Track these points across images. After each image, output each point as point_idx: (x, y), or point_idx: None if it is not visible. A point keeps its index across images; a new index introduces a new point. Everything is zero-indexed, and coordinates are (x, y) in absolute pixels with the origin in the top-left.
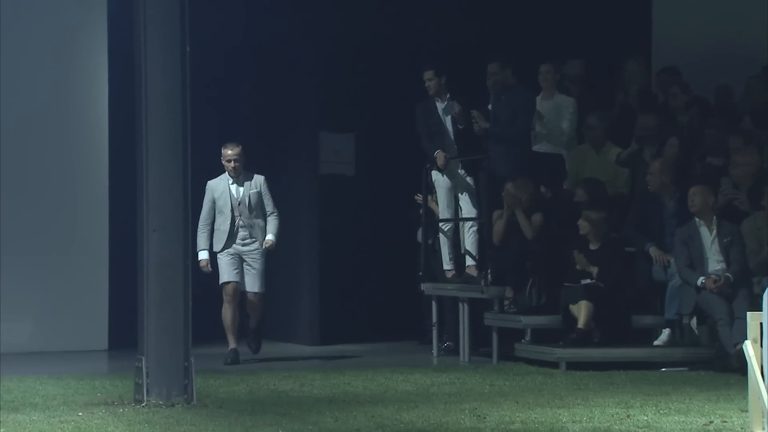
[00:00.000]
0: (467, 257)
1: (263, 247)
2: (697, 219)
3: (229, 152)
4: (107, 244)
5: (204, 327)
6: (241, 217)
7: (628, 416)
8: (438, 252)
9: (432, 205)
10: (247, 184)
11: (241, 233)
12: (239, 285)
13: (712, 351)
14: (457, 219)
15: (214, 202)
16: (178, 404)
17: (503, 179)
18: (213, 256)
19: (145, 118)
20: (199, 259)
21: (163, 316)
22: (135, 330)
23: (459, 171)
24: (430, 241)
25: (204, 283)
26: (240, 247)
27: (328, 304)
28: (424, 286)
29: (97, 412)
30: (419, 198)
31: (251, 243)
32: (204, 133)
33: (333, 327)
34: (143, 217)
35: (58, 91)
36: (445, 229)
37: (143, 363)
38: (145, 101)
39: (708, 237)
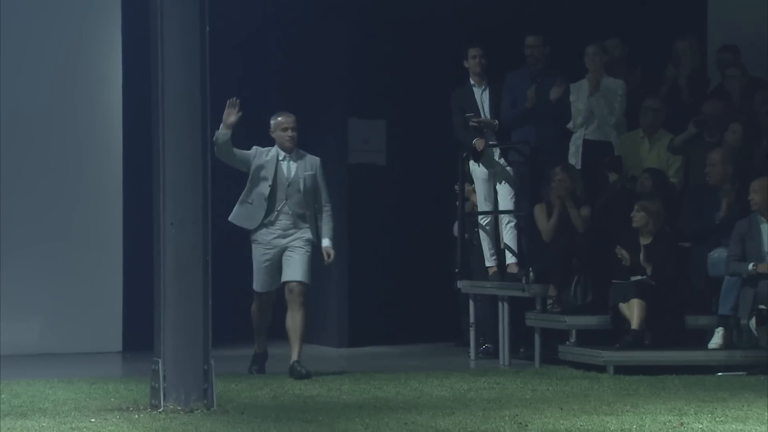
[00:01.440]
0: (507, 254)
1: (325, 259)
2: (759, 214)
3: (289, 118)
4: (121, 239)
5: (225, 327)
6: (288, 203)
7: (682, 424)
8: (476, 247)
9: (471, 196)
10: (300, 163)
11: (284, 221)
12: (275, 294)
13: None
14: (496, 212)
15: (255, 168)
16: (197, 410)
17: (545, 167)
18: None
19: (162, 104)
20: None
21: (181, 316)
22: (151, 330)
23: (498, 160)
24: (467, 236)
25: (226, 279)
26: (280, 240)
27: (357, 302)
28: (460, 284)
29: (110, 418)
30: (470, 190)
31: (296, 233)
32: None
33: (363, 328)
34: (160, 210)
35: (69, 79)
36: (484, 223)
37: (160, 366)
38: (161, 86)
39: (765, 233)
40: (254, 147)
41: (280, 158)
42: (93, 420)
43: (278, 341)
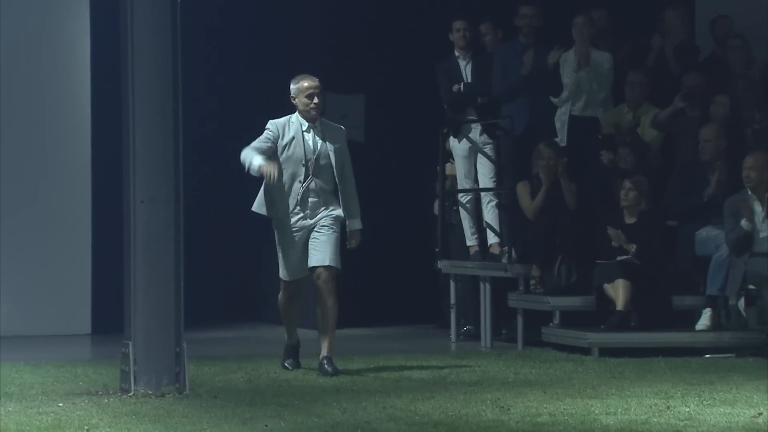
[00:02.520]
0: (489, 233)
1: (348, 243)
2: (749, 192)
3: (314, 83)
4: (90, 218)
5: (198, 308)
6: (314, 179)
7: (668, 408)
8: (457, 226)
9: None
10: (327, 133)
11: (312, 200)
12: (304, 279)
13: (762, 335)
14: (477, 189)
15: (281, 150)
16: (168, 394)
17: (526, 142)
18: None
19: (132, 78)
20: (258, 165)
21: (152, 297)
22: (121, 312)
23: (479, 136)
24: (447, 215)
25: (200, 258)
26: (307, 221)
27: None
28: (441, 264)
29: (79, 402)
30: (450, 168)
31: (324, 212)
32: (197, 95)
33: (341, 309)
34: (130, 187)
35: (36, 53)
36: (465, 201)
37: (130, 348)
38: (131, 61)
39: (760, 212)
40: (270, 122)
41: (304, 129)
42: (61, 404)
43: (254, 323)
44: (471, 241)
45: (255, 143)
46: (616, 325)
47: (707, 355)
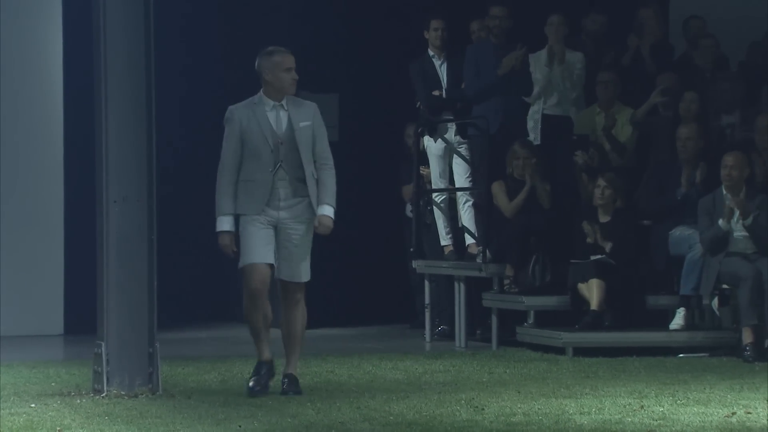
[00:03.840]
0: (466, 235)
1: (317, 228)
2: (724, 190)
3: (290, 57)
4: (62, 218)
5: (171, 309)
6: (284, 164)
7: (642, 407)
8: (431, 226)
9: (424, 173)
10: (292, 111)
11: (282, 190)
12: (271, 270)
13: (736, 335)
14: (451, 189)
15: (241, 139)
16: (141, 394)
17: (500, 141)
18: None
19: (105, 77)
20: (219, 230)
21: (125, 297)
22: (94, 313)
23: (454, 137)
24: (421, 215)
25: (172, 256)
26: (277, 212)
27: (308, 283)
28: (416, 264)
29: (51, 403)
30: (425, 171)
31: (297, 205)
32: (170, 93)
33: (315, 309)
34: (103, 187)
35: (8, 54)
36: (439, 201)
37: (103, 349)
38: (104, 60)
39: (736, 211)
40: (229, 110)
41: (268, 109)
42: (33, 405)
43: (228, 323)
44: (445, 240)
45: (225, 167)
46: (590, 324)
47: (681, 355)
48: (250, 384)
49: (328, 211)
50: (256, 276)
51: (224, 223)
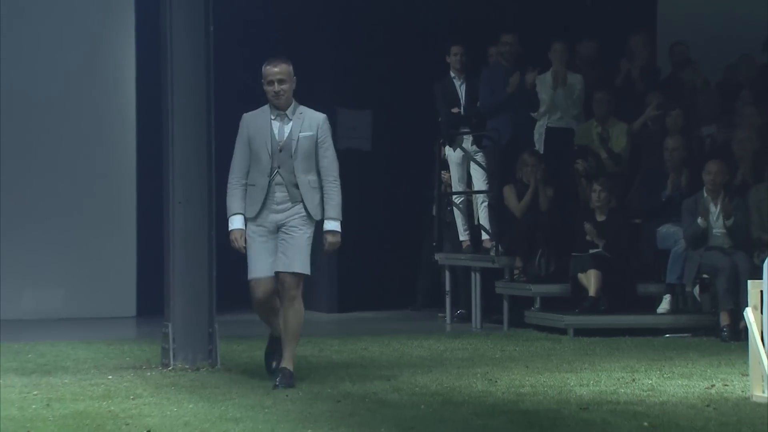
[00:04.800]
0: (482, 232)
1: (324, 245)
2: (705, 193)
3: (274, 69)
4: (135, 216)
5: (228, 294)
6: (281, 170)
7: (633, 380)
8: (451, 224)
9: (445, 177)
10: (296, 121)
11: (279, 194)
12: (275, 282)
13: (714, 317)
14: (469, 192)
15: (248, 145)
16: (202, 368)
17: (510, 151)
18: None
19: (171, 94)
20: (231, 229)
21: (188, 285)
22: (162, 297)
23: (471, 146)
24: (442, 215)
25: (229, 249)
26: (275, 215)
27: (345, 273)
28: (437, 257)
29: (125, 375)
30: (446, 175)
31: (292, 208)
32: (226, 110)
33: (351, 295)
34: (169, 190)
35: (89, 69)
36: (458, 202)
37: (170, 329)
38: (171, 79)
39: (714, 211)
40: (243, 117)
41: (272, 117)
42: (110, 377)
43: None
44: (463, 236)
45: (235, 170)
46: (589, 309)
47: (667, 335)
48: (274, 364)
49: (333, 226)
50: (261, 289)
51: (235, 222)
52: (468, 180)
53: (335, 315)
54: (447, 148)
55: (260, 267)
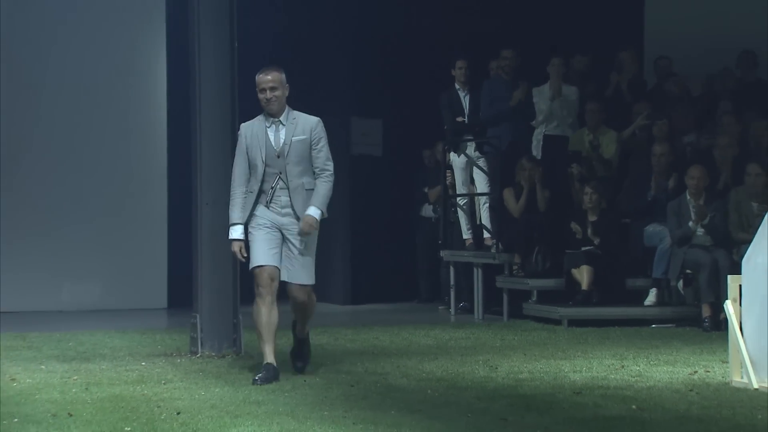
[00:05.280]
0: (484, 231)
1: (300, 226)
2: (688, 195)
3: (266, 77)
4: (166, 216)
5: (251, 288)
6: (282, 176)
7: (623, 367)
8: (455, 224)
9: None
10: (290, 127)
11: (283, 198)
12: (277, 271)
13: (697, 309)
14: (471, 194)
15: (246, 153)
16: (228, 355)
17: (509, 156)
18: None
19: (199, 105)
20: (232, 239)
21: (214, 279)
22: (191, 291)
23: (473, 152)
24: (447, 215)
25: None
26: (279, 218)
27: (358, 268)
28: (443, 253)
29: (157, 362)
30: (449, 174)
31: (293, 213)
32: (250, 119)
33: (363, 289)
34: (197, 192)
35: (125, 80)
36: (462, 203)
37: (198, 320)
38: (198, 91)
39: (696, 212)
40: (241, 126)
41: (267, 125)
42: (143, 364)
43: None
44: (466, 235)
45: (236, 179)
46: (582, 301)
47: (653, 325)
48: (255, 377)
49: (313, 212)
50: (264, 275)
51: (234, 232)
52: (471, 183)
53: (349, 307)
54: (452, 153)
55: (262, 256)
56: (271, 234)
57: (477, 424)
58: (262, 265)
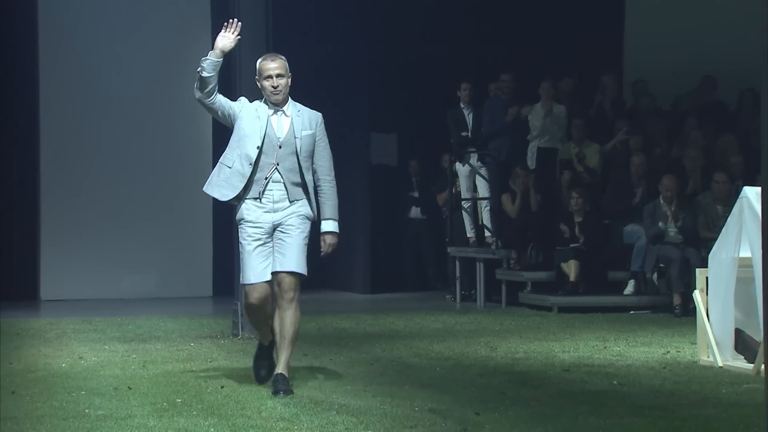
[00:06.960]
0: (485, 230)
1: (322, 246)
2: (661, 200)
3: (272, 64)
4: (211, 214)
5: None
6: (280, 168)
7: (605, 347)
8: (461, 224)
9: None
10: (297, 119)
11: (275, 192)
12: (269, 288)
13: (669, 298)
14: (475, 198)
15: (233, 116)
16: None
17: (507, 166)
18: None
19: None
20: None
21: None
22: (233, 280)
23: (476, 162)
24: (454, 217)
25: None
26: (272, 215)
27: (377, 261)
28: (449, 249)
29: (204, 343)
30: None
31: (290, 206)
32: None
33: (381, 279)
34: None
35: (174, 88)
36: (466, 206)
37: (239, 306)
38: (238, 90)
39: (668, 214)
40: (242, 98)
41: (271, 113)
42: (192, 344)
43: (321, 289)
44: (470, 233)
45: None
46: (570, 291)
47: (631, 312)
48: (261, 372)
49: (332, 226)
50: (255, 294)
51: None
52: (474, 189)
53: (369, 296)
54: (457, 163)
55: (254, 272)
56: (263, 246)
57: (479, 396)
58: (252, 284)
